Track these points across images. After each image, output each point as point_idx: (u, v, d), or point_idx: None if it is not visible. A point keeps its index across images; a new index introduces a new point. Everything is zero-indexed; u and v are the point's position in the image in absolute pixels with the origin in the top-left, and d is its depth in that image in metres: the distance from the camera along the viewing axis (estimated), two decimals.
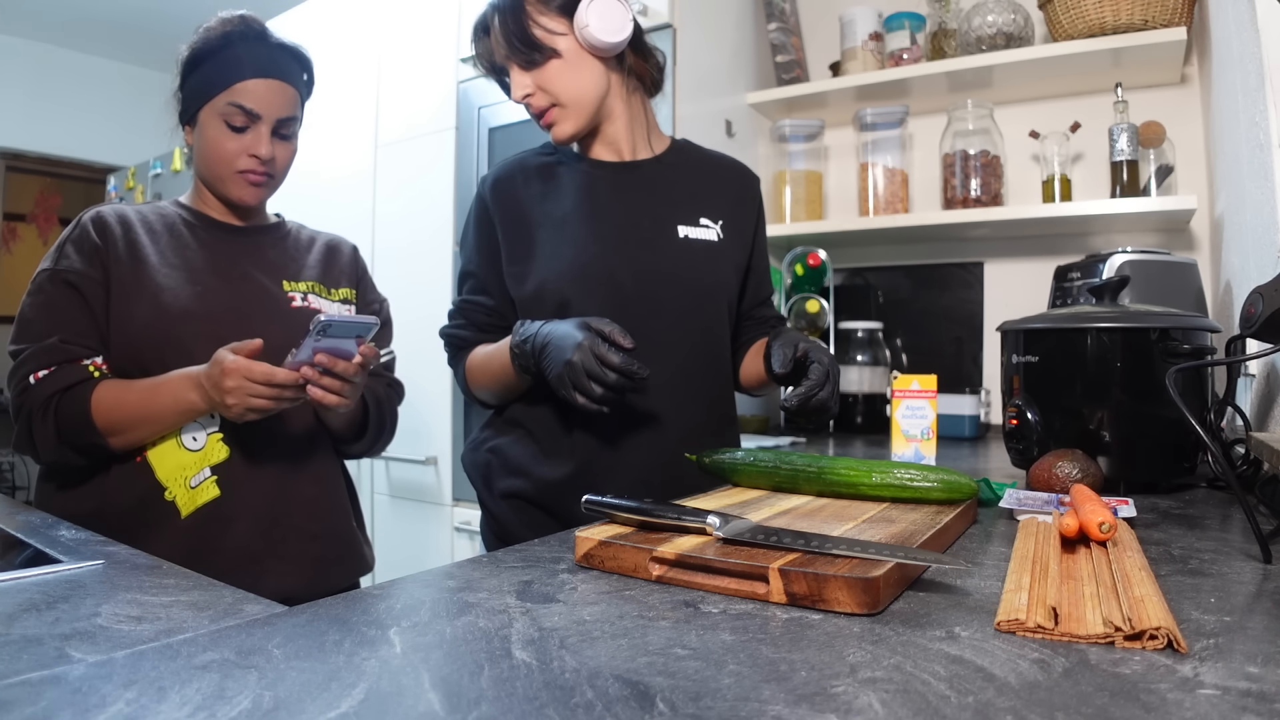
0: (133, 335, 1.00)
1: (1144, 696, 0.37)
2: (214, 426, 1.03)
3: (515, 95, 1.05)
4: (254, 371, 0.92)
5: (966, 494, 0.76)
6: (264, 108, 1.06)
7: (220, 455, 1.03)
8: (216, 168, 1.07)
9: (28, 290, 1.03)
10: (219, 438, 1.03)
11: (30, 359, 0.98)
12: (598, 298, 1.02)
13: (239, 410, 0.94)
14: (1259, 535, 0.64)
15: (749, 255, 1.17)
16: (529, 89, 1.04)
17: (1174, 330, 0.96)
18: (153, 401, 0.97)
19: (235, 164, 1.07)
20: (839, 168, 2.23)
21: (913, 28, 2.02)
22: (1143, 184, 1.74)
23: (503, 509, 1.07)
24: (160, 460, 1.01)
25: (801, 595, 0.52)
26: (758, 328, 1.19)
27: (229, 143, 1.06)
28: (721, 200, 1.14)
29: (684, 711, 0.36)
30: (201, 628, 0.49)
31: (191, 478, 1.01)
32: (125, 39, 4.24)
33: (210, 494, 1.02)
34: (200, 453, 1.02)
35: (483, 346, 1.07)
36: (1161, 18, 1.63)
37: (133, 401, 0.97)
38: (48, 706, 0.36)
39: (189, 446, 1.02)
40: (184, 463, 1.02)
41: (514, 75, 1.04)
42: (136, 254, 1.04)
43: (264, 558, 1.03)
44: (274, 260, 1.14)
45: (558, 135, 1.06)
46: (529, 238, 1.06)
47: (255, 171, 1.08)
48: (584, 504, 0.69)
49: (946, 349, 2.10)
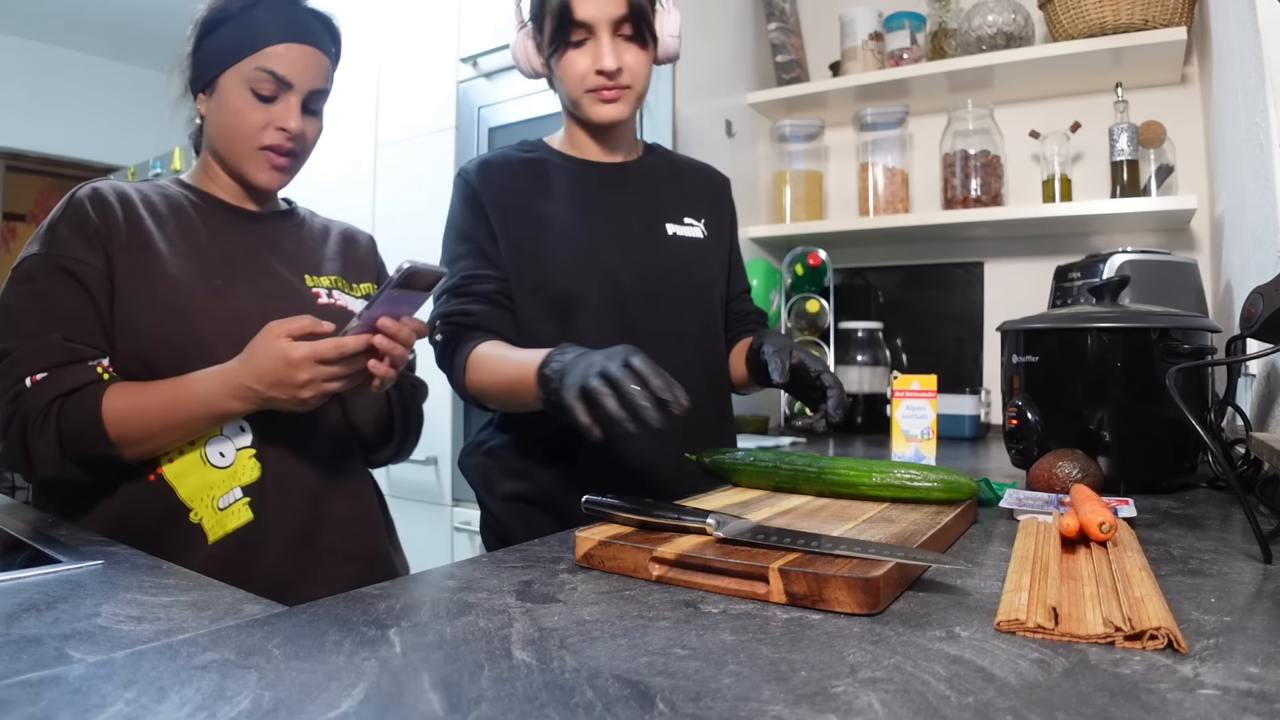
0: (143, 335, 0.88)
1: (1144, 697, 0.37)
2: (245, 440, 0.90)
3: (608, 64, 0.98)
4: (324, 352, 0.79)
5: (966, 494, 0.76)
6: (296, 76, 0.94)
7: (252, 474, 0.90)
8: (237, 142, 0.94)
9: (8, 279, 0.87)
10: (250, 454, 0.90)
11: (23, 360, 0.83)
12: (600, 296, 1.02)
13: (314, 403, 0.82)
14: (1259, 535, 0.64)
15: (729, 252, 1.20)
16: (623, 63, 1.00)
17: (1174, 330, 0.96)
18: (178, 407, 0.84)
19: (259, 138, 0.94)
20: (839, 168, 2.23)
21: (913, 27, 2.02)
22: (1143, 184, 1.74)
23: (506, 511, 1.06)
24: (181, 477, 0.88)
25: (801, 595, 0.52)
26: (739, 324, 1.21)
27: (253, 114, 0.93)
28: (699, 200, 1.17)
29: (684, 711, 0.36)
30: (201, 628, 0.49)
31: (219, 498, 0.88)
32: (125, 39, 4.24)
33: (242, 518, 0.89)
34: (229, 470, 0.89)
35: (493, 346, 0.97)
36: (1161, 18, 1.63)
37: (152, 408, 0.84)
38: (48, 706, 0.36)
39: (215, 463, 0.89)
40: (210, 481, 0.88)
41: (611, 44, 0.99)
42: (142, 239, 0.90)
43: (297, 582, 0.91)
44: (293, 251, 1.02)
45: (616, 114, 1.02)
46: (523, 233, 1.04)
47: (281, 149, 0.95)
48: (584, 504, 0.69)
49: (946, 349, 2.10)
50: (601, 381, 0.70)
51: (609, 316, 1.02)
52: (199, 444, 0.89)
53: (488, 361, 0.95)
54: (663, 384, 0.69)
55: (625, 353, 0.73)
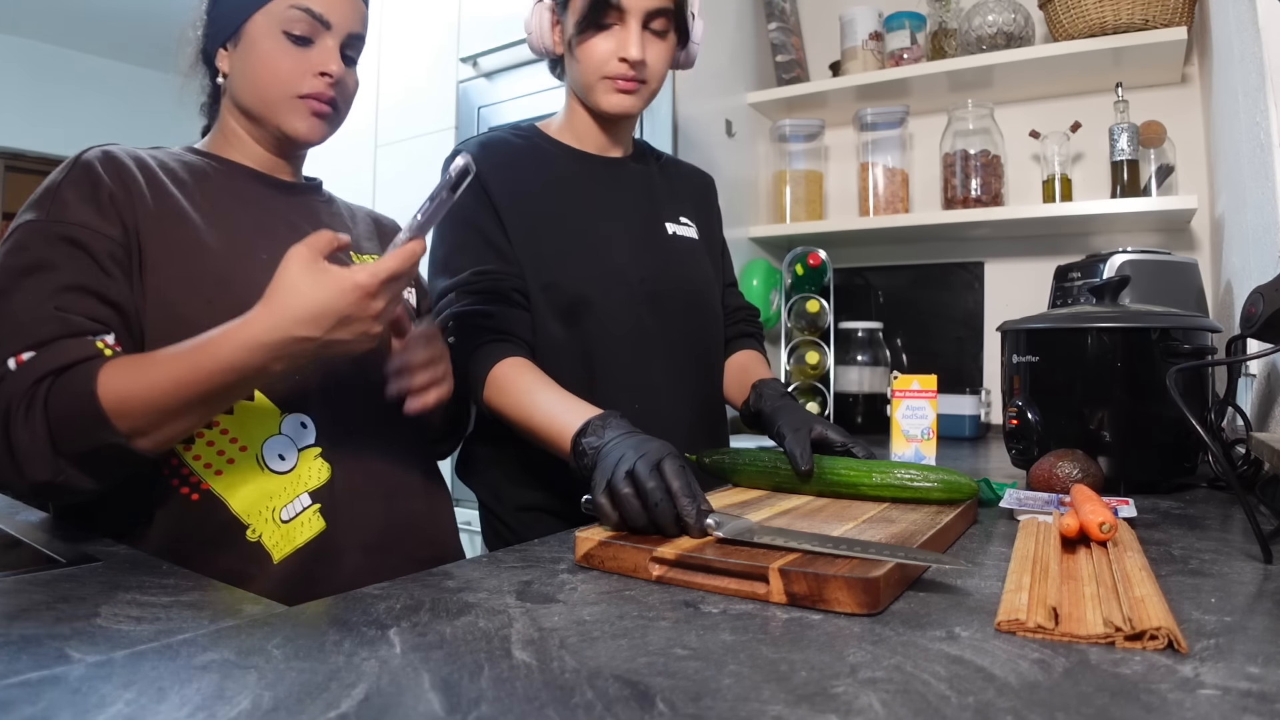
0: (184, 317, 0.74)
1: (1144, 697, 0.37)
2: (308, 437, 0.79)
3: (634, 54, 0.96)
4: (393, 268, 0.67)
5: (966, 494, 0.76)
6: (335, 15, 0.85)
7: (321, 476, 0.79)
8: (272, 90, 0.84)
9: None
10: (315, 453, 0.79)
11: (7, 337, 0.69)
12: (610, 297, 1.00)
13: (368, 344, 0.70)
14: (1259, 535, 0.64)
15: (719, 252, 1.21)
16: (646, 56, 0.98)
17: (1174, 330, 0.96)
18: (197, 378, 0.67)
19: (298, 85, 0.84)
20: (839, 168, 2.23)
21: (913, 27, 2.02)
22: (1143, 184, 1.74)
23: (520, 521, 1.04)
24: (233, 489, 0.75)
25: (801, 595, 0.52)
26: (729, 323, 1.20)
27: (288, 58, 0.83)
28: (689, 200, 1.17)
29: (684, 711, 0.36)
30: (201, 628, 0.49)
31: (282, 509, 0.77)
32: (125, 39, 4.24)
33: (314, 528, 0.78)
34: (291, 474, 0.78)
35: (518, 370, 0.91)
36: (1162, 17, 1.63)
37: (162, 381, 0.67)
38: (48, 706, 0.36)
39: (274, 468, 0.77)
40: (270, 490, 0.77)
41: (639, 36, 0.97)
42: (170, 206, 0.79)
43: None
44: (331, 227, 0.92)
45: (630, 106, 1.00)
46: (530, 226, 0.99)
47: (323, 96, 0.85)
48: (583, 504, 0.69)
49: (946, 349, 2.10)
50: (629, 484, 0.66)
51: (619, 318, 1.01)
52: (252, 447, 0.76)
53: (512, 392, 0.89)
54: (688, 497, 0.65)
55: (658, 454, 0.68)
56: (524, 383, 0.89)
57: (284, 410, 0.80)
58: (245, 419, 0.78)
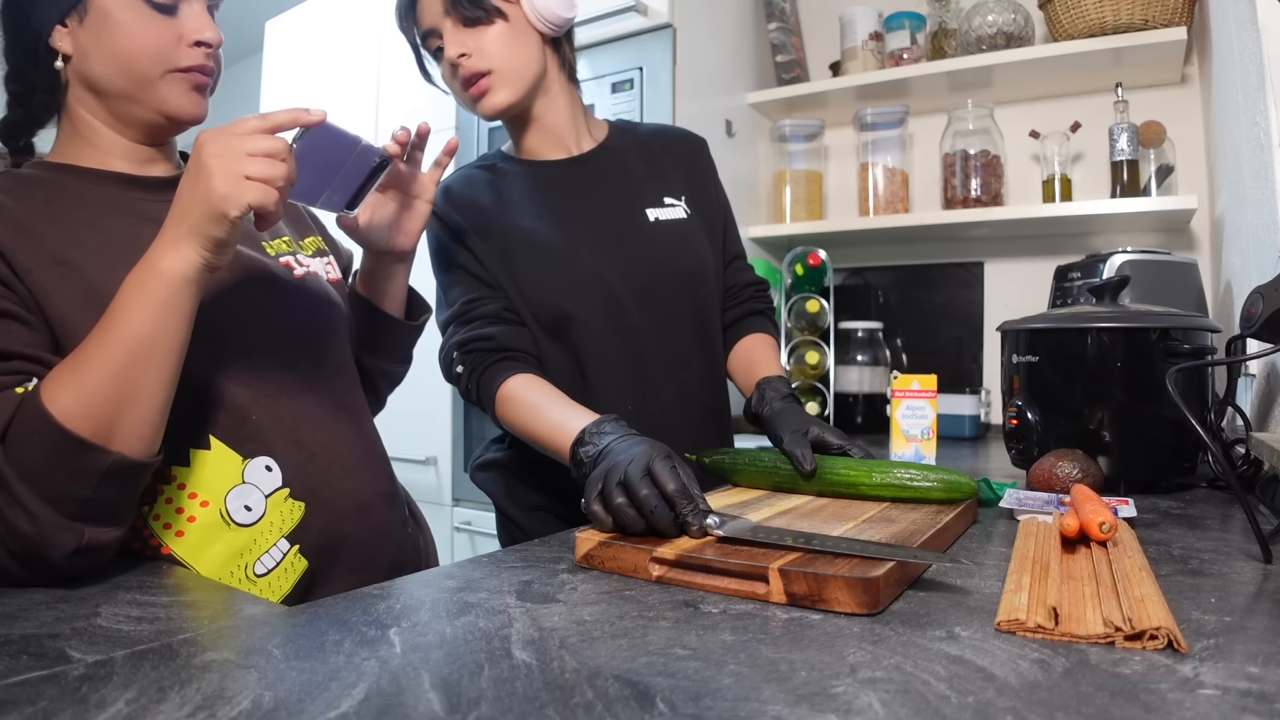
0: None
1: (1144, 696, 0.37)
2: (274, 481, 0.75)
3: (450, 53, 0.95)
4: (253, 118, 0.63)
5: (966, 494, 0.76)
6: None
7: (294, 517, 0.75)
8: (139, 67, 0.72)
9: None
10: (285, 494, 0.75)
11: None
12: (590, 305, 0.99)
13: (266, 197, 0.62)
14: (1259, 535, 0.64)
15: (719, 221, 1.14)
16: (466, 49, 0.95)
17: (1174, 330, 0.96)
18: (124, 326, 0.61)
19: (172, 58, 0.73)
20: (839, 168, 2.23)
21: (913, 27, 2.02)
22: (1143, 184, 1.74)
23: (531, 521, 1.05)
24: (197, 550, 0.70)
25: (801, 595, 0.52)
26: (736, 302, 1.16)
27: (153, 29, 0.72)
28: (677, 174, 1.11)
29: (684, 711, 0.36)
30: (201, 628, 0.49)
31: (254, 563, 0.72)
32: None
33: (298, 570, 0.75)
34: (261, 524, 0.73)
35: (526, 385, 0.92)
36: (1162, 17, 1.63)
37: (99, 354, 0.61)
38: (48, 706, 0.36)
39: (240, 520, 0.72)
40: (238, 546, 0.72)
41: (449, 34, 0.96)
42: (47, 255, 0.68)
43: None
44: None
45: (490, 105, 0.97)
46: (498, 252, 1.00)
47: (204, 69, 0.75)
48: (583, 505, 0.69)
49: (946, 349, 2.10)
50: (621, 492, 0.66)
51: (604, 324, 0.99)
52: (214, 501, 0.71)
53: (520, 408, 0.91)
54: (684, 499, 0.64)
55: (647, 457, 0.68)
56: (529, 399, 0.91)
57: (245, 456, 0.75)
58: (204, 471, 0.73)
